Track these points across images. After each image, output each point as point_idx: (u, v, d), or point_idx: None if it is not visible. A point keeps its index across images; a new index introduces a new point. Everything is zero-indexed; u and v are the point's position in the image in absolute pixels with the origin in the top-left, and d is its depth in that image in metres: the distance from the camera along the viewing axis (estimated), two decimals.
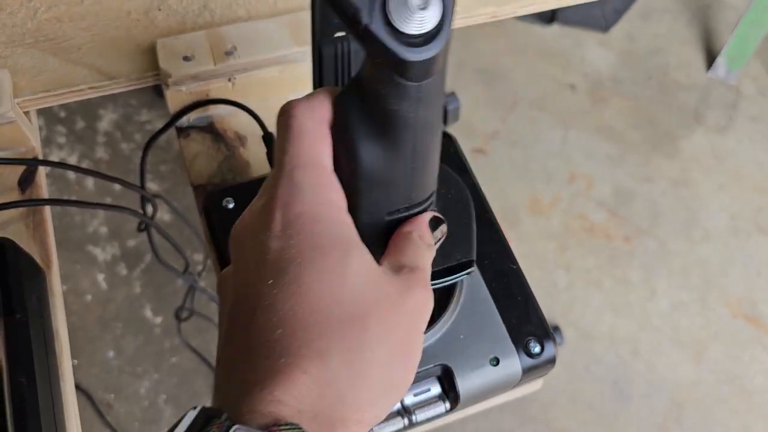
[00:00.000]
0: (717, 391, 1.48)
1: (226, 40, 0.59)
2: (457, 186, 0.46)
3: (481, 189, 0.55)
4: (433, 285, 0.42)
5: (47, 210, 0.58)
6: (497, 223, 0.54)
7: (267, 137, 0.58)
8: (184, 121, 0.61)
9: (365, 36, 0.31)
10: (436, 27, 0.31)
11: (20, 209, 0.57)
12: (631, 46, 1.91)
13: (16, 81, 0.57)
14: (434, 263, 0.42)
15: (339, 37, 0.43)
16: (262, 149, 0.59)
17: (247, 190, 0.53)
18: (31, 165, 0.59)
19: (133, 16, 0.62)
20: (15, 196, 0.58)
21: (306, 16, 0.62)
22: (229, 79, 0.60)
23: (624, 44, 1.91)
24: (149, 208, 0.72)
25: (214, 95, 0.61)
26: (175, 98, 0.60)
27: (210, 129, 0.62)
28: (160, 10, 0.62)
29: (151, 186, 1.56)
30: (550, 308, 1.53)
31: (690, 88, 1.86)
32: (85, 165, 1.59)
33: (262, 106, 0.61)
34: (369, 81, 0.34)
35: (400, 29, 0.31)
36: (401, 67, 0.32)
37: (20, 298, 0.48)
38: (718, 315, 1.56)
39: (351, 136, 0.36)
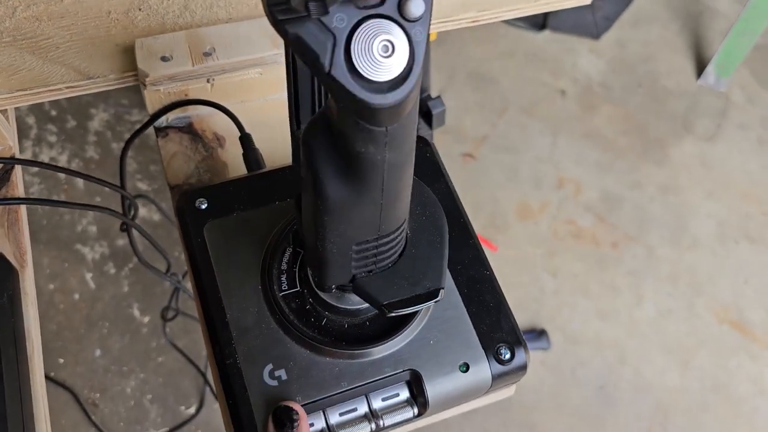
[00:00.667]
0: (703, 397, 1.48)
1: (204, 41, 0.59)
2: (432, 207, 0.46)
3: (457, 195, 0.55)
4: (398, 312, 0.42)
5: (23, 209, 0.58)
6: (472, 228, 0.54)
7: (244, 138, 0.58)
8: (163, 120, 0.61)
9: (327, 81, 0.30)
10: (403, 72, 0.30)
11: None
12: (622, 53, 1.92)
13: None
14: (402, 290, 0.42)
15: None
16: (240, 150, 0.59)
17: (221, 191, 0.53)
18: (7, 163, 0.59)
19: (113, 15, 0.62)
20: None
21: None
22: (208, 80, 0.60)
23: (614, 51, 1.92)
24: (133, 209, 0.72)
25: (192, 96, 0.61)
26: (153, 98, 0.60)
27: (188, 129, 0.62)
28: (140, 10, 0.63)
29: (141, 186, 1.56)
30: (537, 313, 1.53)
31: (679, 95, 1.86)
32: (75, 164, 1.59)
33: (241, 107, 0.61)
34: (334, 122, 0.34)
35: (365, 75, 0.30)
36: (367, 112, 0.31)
37: None
38: (705, 322, 1.56)
39: (316, 172, 0.35)
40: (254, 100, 0.63)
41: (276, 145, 0.59)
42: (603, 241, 1.64)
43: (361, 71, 0.30)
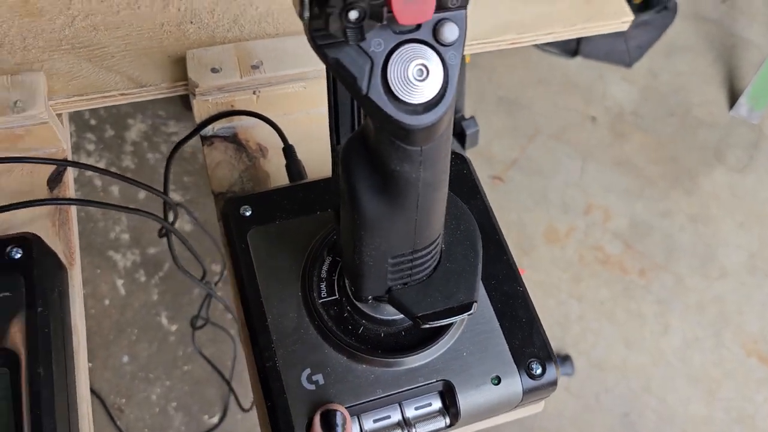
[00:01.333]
0: (728, 429, 1.46)
1: (253, 54, 0.61)
2: (467, 222, 0.47)
3: (492, 212, 0.56)
4: (432, 324, 0.43)
5: (73, 210, 0.60)
6: (506, 245, 0.55)
7: (287, 149, 0.60)
8: (209, 130, 0.63)
9: (365, 102, 0.32)
10: (437, 94, 0.32)
11: (47, 207, 0.59)
12: (654, 82, 1.92)
13: (51, 84, 0.60)
14: (436, 303, 0.43)
15: None
16: (282, 161, 0.61)
17: (265, 199, 0.54)
18: (60, 165, 0.61)
19: (166, 27, 0.65)
20: (44, 194, 0.60)
21: None
22: (254, 92, 0.62)
23: (647, 80, 1.92)
24: (171, 215, 0.74)
25: (238, 107, 0.63)
26: (201, 108, 0.62)
27: (233, 139, 0.64)
28: (192, 23, 0.65)
29: (174, 196, 1.59)
30: (561, 338, 1.53)
31: (711, 125, 1.86)
32: None
33: (285, 119, 0.63)
34: (371, 140, 0.35)
35: (401, 98, 0.32)
36: (402, 132, 0.33)
37: (43, 292, 0.50)
38: (732, 353, 1.55)
39: (354, 187, 0.37)
40: (297, 112, 0.64)
41: (317, 156, 0.61)
42: (630, 268, 1.63)
43: (397, 93, 0.32)
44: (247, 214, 0.54)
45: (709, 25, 2.03)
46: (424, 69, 0.32)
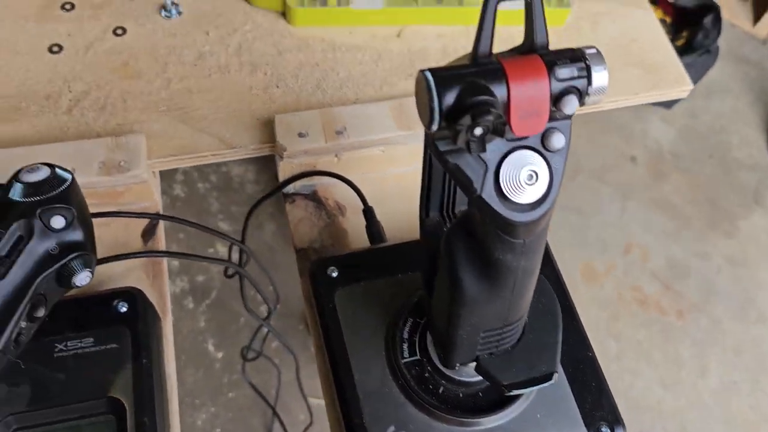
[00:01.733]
0: None
1: (337, 119, 0.65)
2: (548, 296, 0.51)
3: (563, 280, 0.59)
4: (517, 392, 0.47)
5: (165, 261, 0.64)
6: (576, 311, 0.58)
7: (367, 211, 0.64)
8: (291, 188, 0.67)
9: (477, 201, 0.35)
10: (543, 195, 0.36)
11: (142, 259, 0.63)
12: (694, 123, 1.94)
13: (149, 144, 0.64)
14: (520, 372, 0.47)
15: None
16: (359, 219, 0.65)
17: (350, 260, 0.58)
18: (153, 219, 0.65)
19: (254, 91, 0.69)
20: (138, 245, 0.64)
21: (408, 103, 0.68)
22: (336, 155, 0.66)
23: (686, 121, 1.94)
24: (246, 259, 0.78)
25: (320, 167, 0.67)
26: (286, 168, 0.66)
27: (313, 197, 0.68)
28: (277, 87, 0.69)
29: (223, 225, 1.64)
30: None
31: (751, 168, 1.87)
32: (163, 201, 1.68)
33: (363, 178, 0.66)
34: (477, 230, 0.39)
35: (510, 198, 0.35)
36: (509, 228, 0.36)
37: (146, 344, 0.54)
38: None
39: (457, 273, 0.41)
40: (374, 173, 0.68)
41: (393, 215, 0.64)
42: (668, 309, 1.64)
43: (507, 194, 0.36)
44: (334, 275, 0.57)
45: (749, 66, 2.05)
46: (533, 174, 0.36)
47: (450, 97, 0.34)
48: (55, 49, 0.69)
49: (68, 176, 0.47)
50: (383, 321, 0.55)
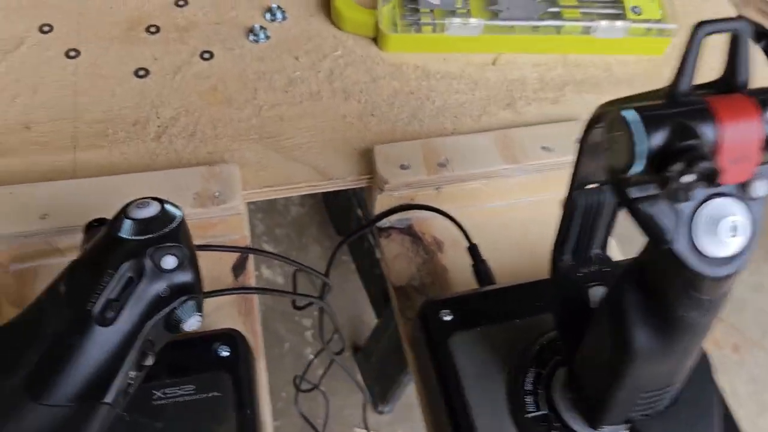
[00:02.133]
0: None
1: (439, 151, 0.62)
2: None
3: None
4: None
5: (256, 298, 0.61)
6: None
7: (472, 249, 0.60)
8: (386, 221, 0.64)
9: (665, 253, 0.32)
10: (742, 248, 0.32)
11: (233, 296, 0.60)
12: None
13: (242, 175, 0.61)
14: None
15: (592, 188, 0.44)
16: (459, 255, 0.61)
17: (464, 303, 0.55)
18: (244, 253, 0.62)
19: (348, 119, 0.66)
20: (229, 280, 0.61)
21: (512, 134, 0.65)
22: (437, 188, 0.62)
23: None
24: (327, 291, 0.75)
25: (418, 200, 0.63)
26: (384, 201, 0.63)
27: (409, 231, 0.64)
28: (373, 115, 0.66)
29: (267, 246, 1.60)
30: None
31: None
32: None
33: (462, 213, 0.63)
34: (655, 284, 0.35)
35: (706, 252, 0.32)
36: (699, 283, 0.33)
37: (249, 392, 0.51)
38: None
39: (627, 326, 0.37)
40: (474, 206, 0.64)
41: (493, 252, 0.61)
42: (724, 342, 1.59)
43: (703, 248, 0.32)
44: (447, 318, 0.54)
45: None
46: (735, 225, 0.32)
47: (657, 140, 0.30)
48: (142, 73, 0.67)
49: (178, 213, 0.44)
50: (502, 369, 0.52)
